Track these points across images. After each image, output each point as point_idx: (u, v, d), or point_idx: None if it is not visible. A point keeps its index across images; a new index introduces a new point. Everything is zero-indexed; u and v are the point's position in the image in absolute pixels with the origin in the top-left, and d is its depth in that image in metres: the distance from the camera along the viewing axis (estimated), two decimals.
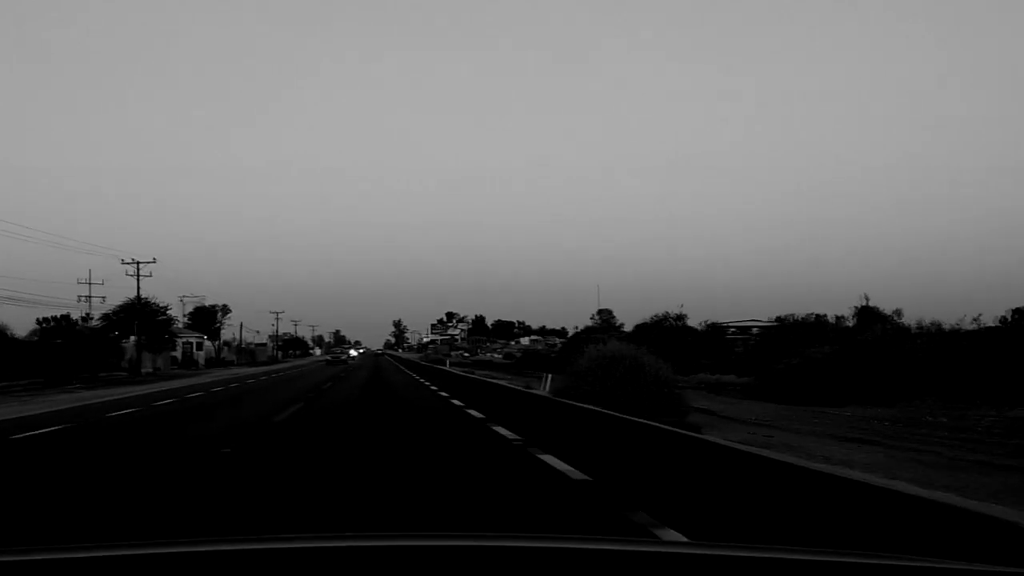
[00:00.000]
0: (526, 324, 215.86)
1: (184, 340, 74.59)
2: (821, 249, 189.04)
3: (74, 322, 55.36)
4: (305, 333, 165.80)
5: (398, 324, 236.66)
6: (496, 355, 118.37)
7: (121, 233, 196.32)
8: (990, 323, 31.22)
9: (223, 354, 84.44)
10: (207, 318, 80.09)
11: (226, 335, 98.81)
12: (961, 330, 29.28)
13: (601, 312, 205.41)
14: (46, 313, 53.04)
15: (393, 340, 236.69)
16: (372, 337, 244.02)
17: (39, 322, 52.76)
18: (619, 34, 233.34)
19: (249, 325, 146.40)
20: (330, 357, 76.37)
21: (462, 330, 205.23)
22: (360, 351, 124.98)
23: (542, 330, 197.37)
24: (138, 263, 54.64)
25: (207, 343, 79.98)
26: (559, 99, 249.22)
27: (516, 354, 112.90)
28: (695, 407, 18.49)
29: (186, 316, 79.72)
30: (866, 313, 44.43)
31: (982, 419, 17.90)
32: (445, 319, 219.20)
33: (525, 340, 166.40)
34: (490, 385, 25.25)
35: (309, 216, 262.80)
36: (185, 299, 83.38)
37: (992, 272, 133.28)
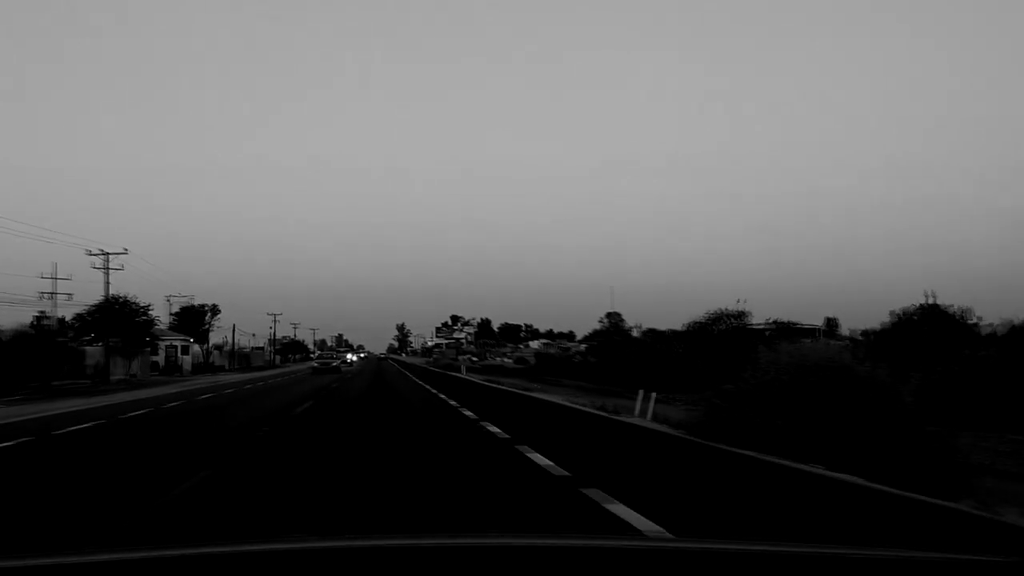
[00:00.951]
0: (533, 327, 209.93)
1: (168, 343, 67.64)
2: (827, 250, 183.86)
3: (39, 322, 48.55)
4: (305, 336, 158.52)
5: (401, 328, 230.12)
6: (506, 359, 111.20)
7: (121, 233, 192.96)
8: None
9: (212, 358, 77.42)
10: (194, 319, 73.05)
11: (217, 338, 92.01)
12: None
13: (610, 315, 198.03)
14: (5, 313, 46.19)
15: (396, 344, 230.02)
16: (375, 341, 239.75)
17: None
18: (622, 35, 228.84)
19: (249, 328, 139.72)
20: (317, 364, 56.24)
21: (467, 334, 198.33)
22: (362, 355, 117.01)
23: (550, 333, 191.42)
24: (107, 254, 47.76)
25: (195, 347, 72.98)
26: (563, 100, 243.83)
27: (529, 359, 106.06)
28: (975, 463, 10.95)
29: (172, 317, 72.81)
30: (933, 313, 37.92)
31: None
32: (450, 322, 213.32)
33: (534, 344, 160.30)
34: (556, 410, 16.20)
35: (311, 218, 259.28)
36: (172, 299, 76.70)
37: (994, 273, 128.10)
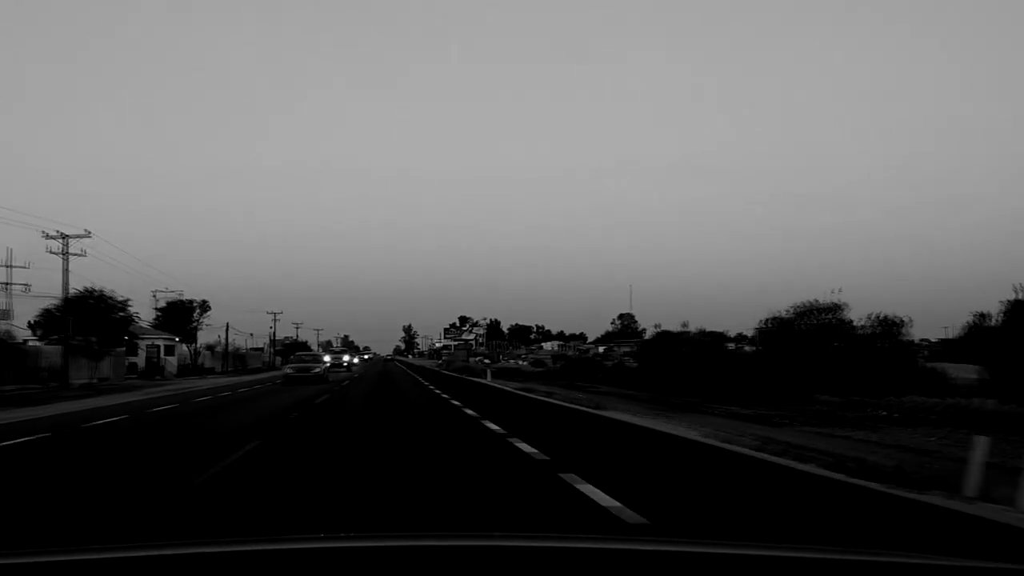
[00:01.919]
0: (545, 328, 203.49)
1: (149, 343, 60.34)
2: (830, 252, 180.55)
3: None
4: (309, 337, 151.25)
5: (408, 329, 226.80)
6: (521, 361, 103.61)
7: (120, 234, 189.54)
8: None
9: (202, 360, 70.09)
10: (181, 316, 65.58)
11: (210, 337, 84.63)
12: None
13: (623, 316, 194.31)
14: None
15: (403, 346, 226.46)
16: (382, 343, 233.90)
17: None
18: (633, 35, 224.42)
19: (251, 329, 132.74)
20: (290, 370, 35.81)
21: (477, 335, 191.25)
22: (366, 357, 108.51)
23: (561, 335, 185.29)
24: (65, 237, 40.43)
25: (181, 347, 65.64)
26: (567, 101, 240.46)
27: (546, 360, 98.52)
28: None
29: (157, 314, 65.48)
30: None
31: None
32: (458, 323, 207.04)
33: (547, 345, 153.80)
34: (719, 458, 8.89)
35: (317, 220, 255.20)
36: (158, 294, 69.33)
37: (997, 275, 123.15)
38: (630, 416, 14.63)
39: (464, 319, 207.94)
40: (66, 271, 40.52)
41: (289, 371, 35.82)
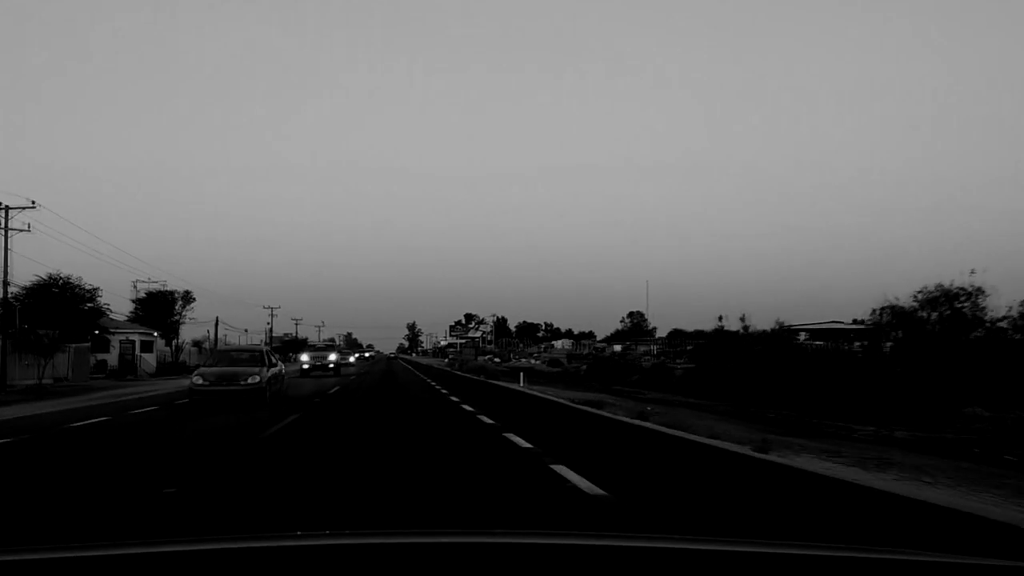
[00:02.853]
0: (554, 326, 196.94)
1: (124, 338, 53.75)
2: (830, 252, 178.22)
3: None
4: (310, 334, 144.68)
5: (412, 327, 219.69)
6: (533, 360, 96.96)
7: (119, 232, 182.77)
8: None
9: (185, 357, 63.49)
10: (161, 309, 58.85)
11: (199, 333, 78.17)
12: None
13: (632, 314, 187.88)
14: None
15: (407, 344, 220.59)
16: (385, 340, 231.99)
17: None
18: (641, 34, 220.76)
19: (251, 326, 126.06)
20: (198, 382, 18.04)
21: (483, 332, 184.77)
22: (368, 355, 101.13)
23: (569, 333, 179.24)
24: (7, 208, 33.87)
25: (160, 343, 59.02)
26: (571, 102, 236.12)
27: (562, 360, 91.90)
28: None
29: (135, 305, 58.83)
30: None
31: None
32: (464, 321, 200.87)
33: (558, 343, 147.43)
34: None
35: (321, 218, 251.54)
36: (139, 284, 62.76)
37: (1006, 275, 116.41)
38: (855, 472, 7.82)
39: (469, 316, 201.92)
40: (7, 249, 33.99)
41: (196, 381, 24.37)
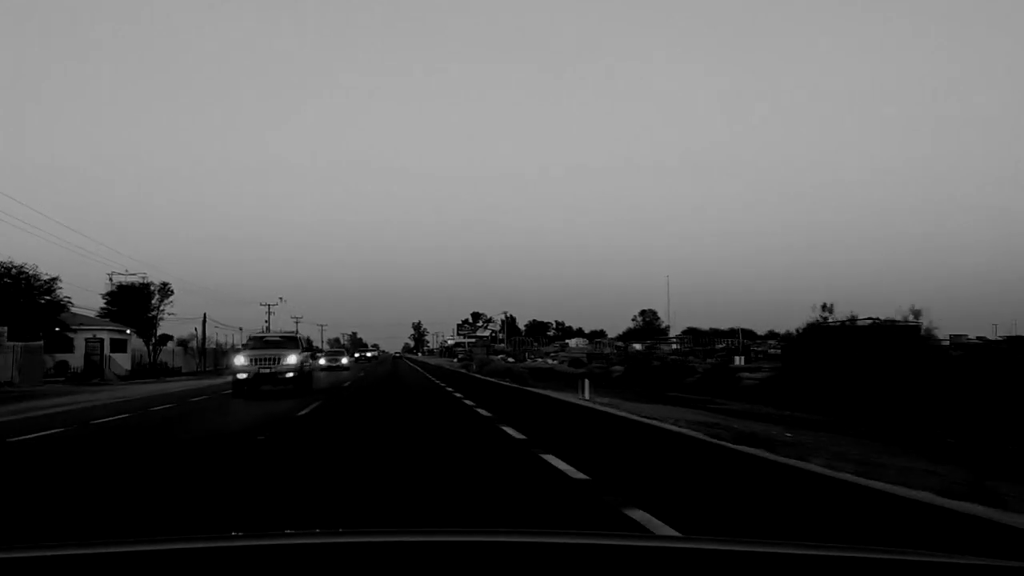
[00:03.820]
0: (565, 324, 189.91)
1: (90, 335, 46.66)
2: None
3: None
4: (311, 333, 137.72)
5: (417, 326, 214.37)
6: (551, 360, 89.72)
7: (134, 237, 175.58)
8: None
9: (164, 357, 56.38)
10: (136, 303, 51.70)
11: (185, 330, 71.13)
12: None
13: (644, 313, 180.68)
14: None
15: (412, 343, 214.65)
16: (391, 340, 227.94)
17: None
18: (647, 34, 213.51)
19: (251, 326, 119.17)
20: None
21: (492, 331, 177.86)
22: (368, 355, 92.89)
23: (580, 332, 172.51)
24: None
25: (137, 341, 51.93)
26: (574, 102, 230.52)
27: (582, 359, 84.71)
28: None
29: (105, 300, 51.76)
30: None
31: None
32: (471, 320, 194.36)
33: (571, 342, 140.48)
34: None
35: (325, 217, 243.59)
36: (114, 276, 55.63)
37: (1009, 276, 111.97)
38: None
39: (477, 315, 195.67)
40: None
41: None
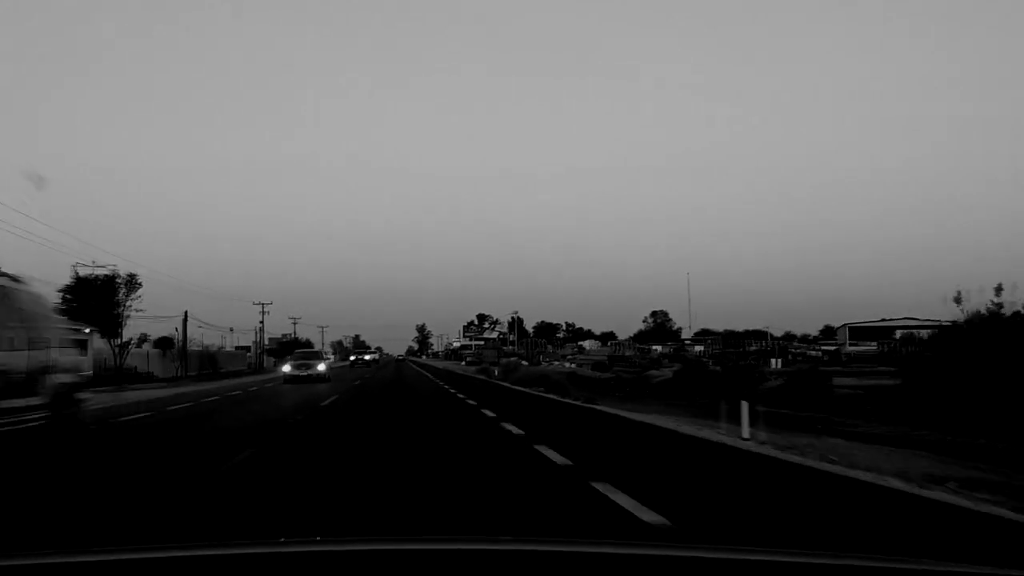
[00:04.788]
0: (576, 326, 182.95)
1: None
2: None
3: None
4: (311, 335, 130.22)
5: (422, 329, 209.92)
6: (568, 363, 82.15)
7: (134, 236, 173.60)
8: None
9: (136, 361, 49.07)
10: (99, 298, 44.32)
11: (166, 329, 63.98)
12: None
13: (655, 314, 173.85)
14: None
15: (416, 346, 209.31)
16: (394, 342, 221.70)
17: None
18: (651, 34, 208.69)
19: (248, 325, 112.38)
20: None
21: (500, 333, 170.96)
22: (365, 357, 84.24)
23: (590, 333, 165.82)
24: None
25: (100, 342, 44.63)
26: (577, 102, 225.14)
27: (604, 362, 77.25)
28: None
29: (62, 293, 44.32)
30: None
31: None
32: (477, 321, 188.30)
33: (585, 344, 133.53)
34: None
35: (328, 219, 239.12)
36: (80, 268, 48.13)
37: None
38: None
39: (483, 317, 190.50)
40: None
41: None
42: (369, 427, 12.49)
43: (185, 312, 60.16)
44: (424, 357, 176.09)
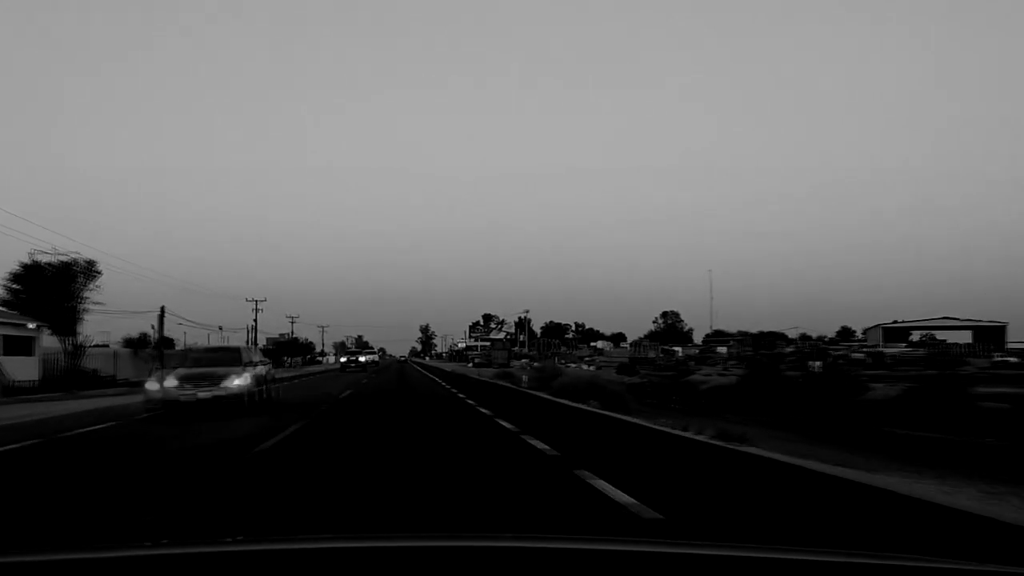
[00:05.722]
0: (586, 326, 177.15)
1: None
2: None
3: None
4: (311, 334, 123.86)
5: (425, 329, 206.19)
6: (585, 366, 75.23)
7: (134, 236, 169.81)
8: None
9: (94, 362, 42.14)
10: (52, 288, 37.40)
11: (141, 326, 57.17)
12: None
13: (666, 315, 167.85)
14: None
15: (419, 347, 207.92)
16: (398, 343, 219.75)
17: None
18: (657, 36, 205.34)
19: (242, 324, 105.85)
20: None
21: (508, 333, 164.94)
22: (363, 359, 76.87)
23: (600, 334, 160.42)
24: None
25: (51, 339, 37.70)
26: (579, 102, 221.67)
27: (627, 364, 70.50)
28: None
29: (5, 282, 37.42)
30: None
31: None
32: (482, 322, 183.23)
33: (599, 344, 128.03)
34: None
35: (329, 220, 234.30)
36: (37, 253, 41.05)
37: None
38: None
39: (488, 317, 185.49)
40: None
41: None
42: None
43: (162, 308, 53.15)
44: (428, 358, 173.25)
